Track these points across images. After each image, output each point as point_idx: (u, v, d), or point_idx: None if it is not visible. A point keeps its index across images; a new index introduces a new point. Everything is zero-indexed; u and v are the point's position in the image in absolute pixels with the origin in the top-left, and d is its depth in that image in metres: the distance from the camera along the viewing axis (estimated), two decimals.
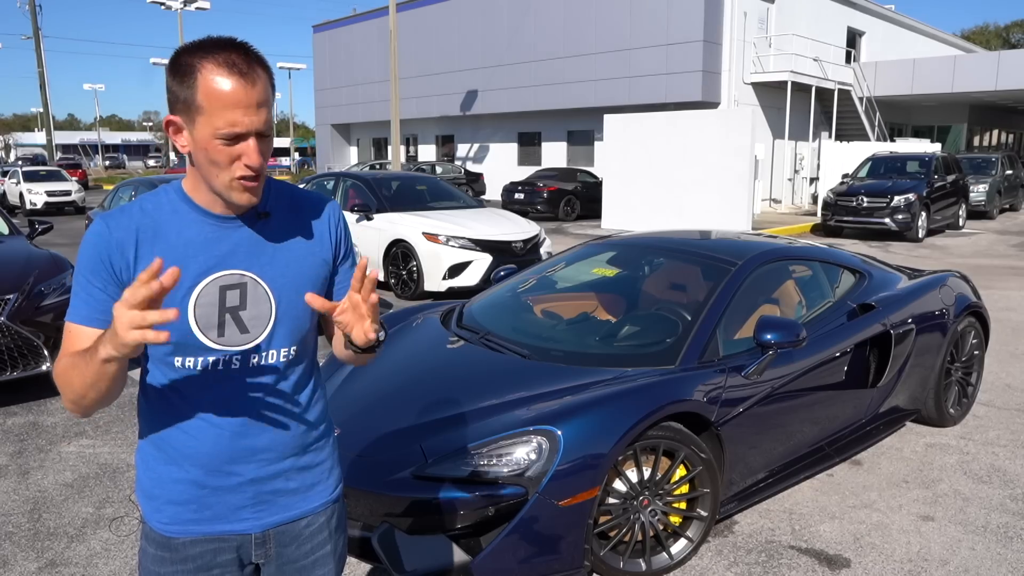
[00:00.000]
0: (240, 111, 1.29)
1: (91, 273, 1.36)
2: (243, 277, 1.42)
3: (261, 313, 1.44)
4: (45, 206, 21.81)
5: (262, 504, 1.50)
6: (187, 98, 1.30)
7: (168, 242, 1.39)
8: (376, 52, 31.33)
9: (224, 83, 1.28)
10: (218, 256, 1.40)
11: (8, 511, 3.62)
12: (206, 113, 1.30)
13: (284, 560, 1.55)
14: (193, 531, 1.47)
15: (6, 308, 4.99)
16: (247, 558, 1.53)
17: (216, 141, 1.31)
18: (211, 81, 1.28)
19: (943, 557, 3.21)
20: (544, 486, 2.72)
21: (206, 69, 1.28)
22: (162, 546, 1.48)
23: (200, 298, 1.39)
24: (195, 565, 1.48)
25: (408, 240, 8.89)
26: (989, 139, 35.18)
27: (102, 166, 61.76)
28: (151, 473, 1.48)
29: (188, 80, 1.30)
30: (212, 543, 1.48)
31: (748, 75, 22.48)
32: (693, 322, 3.57)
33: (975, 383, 4.93)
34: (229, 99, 1.29)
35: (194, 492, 1.45)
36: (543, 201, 19.54)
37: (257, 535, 1.51)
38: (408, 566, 2.78)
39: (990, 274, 10.80)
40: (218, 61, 1.29)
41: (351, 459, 3.00)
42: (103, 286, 1.36)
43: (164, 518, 1.47)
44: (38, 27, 32.48)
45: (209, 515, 1.47)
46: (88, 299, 1.36)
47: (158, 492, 1.47)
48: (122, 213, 1.40)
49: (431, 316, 4.31)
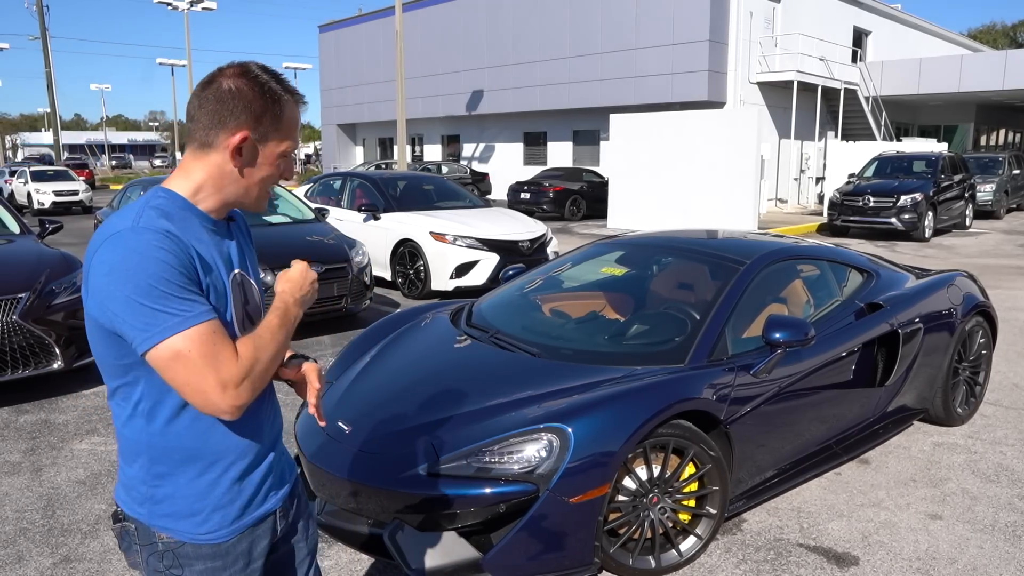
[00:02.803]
0: (295, 132, 1.55)
1: (186, 278, 1.34)
2: (243, 276, 1.55)
3: (257, 305, 1.59)
4: (53, 206, 21.93)
5: (278, 478, 1.61)
6: (273, 122, 1.47)
7: (200, 247, 1.42)
8: (382, 52, 31.36)
9: (297, 111, 1.53)
10: (227, 257, 1.50)
11: (22, 507, 3.65)
12: (282, 136, 1.51)
13: (298, 515, 1.69)
14: (239, 528, 1.52)
15: (18, 307, 5.03)
16: (274, 538, 1.61)
17: (280, 159, 1.53)
18: (292, 108, 1.51)
19: (951, 556, 3.22)
20: (555, 483, 2.74)
21: (288, 100, 1.49)
22: (212, 556, 1.49)
23: (231, 295, 1.49)
24: (244, 561, 1.53)
25: (415, 240, 8.91)
26: (996, 139, 35.06)
27: (108, 166, 61.90)
28: (188, 491, 1.47)
29: (277, 107, 1.47)
30: (253, 532, 1.54)
31: (754, 75, 22.47)
32: (702, 321, 3.58)
33: (983, 382, 4.93)
34: (298, 124, 1.55)
35: (236, 490, 1.50)
36: (549, 201, 19.55)
37: (280, 508, 1.61)
38: (418, 563, 2.80)
39: (997, 274, 10.78)
40: (291, 94, 1.51)
41: (362, 456, 3.02)
42: (197, 284, 1.37)
43: (212, 526, 1.48)
44: (45, 28, 32.61)
45: (248, 505, 1.53)
46: (199, 297, 1.35)
47: (200, 505, 1.47)
48: (159, 216, 1.37)
49: (440, 315, 4.33)
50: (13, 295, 5.05)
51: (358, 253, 7.55)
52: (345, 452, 3.06)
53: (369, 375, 3.64)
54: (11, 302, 5.02)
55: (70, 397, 5.30)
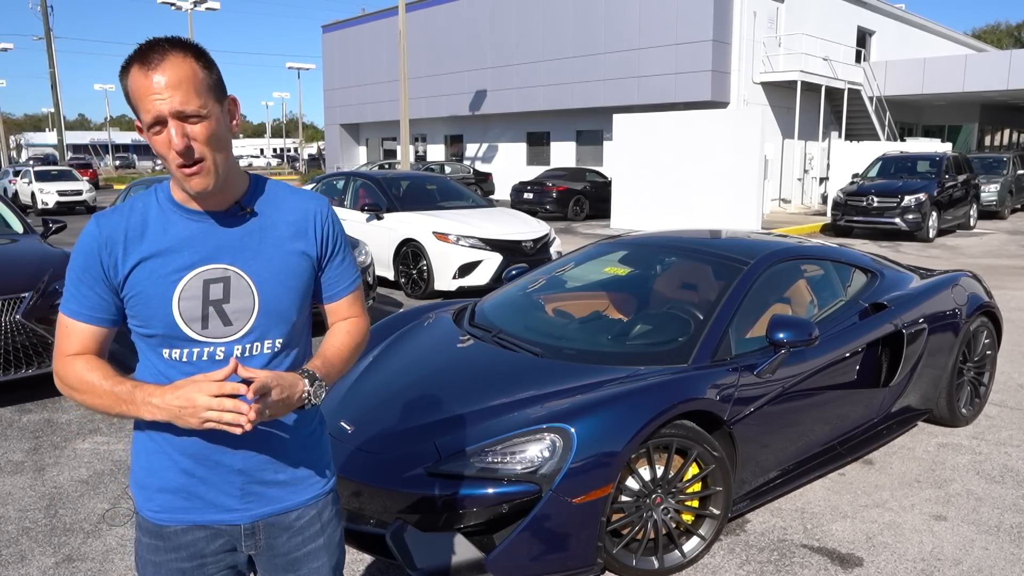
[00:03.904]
0: (151, 97, 1.34)
1: (82, 271, 1.46)
2: (227, 271, 1.47)
3: (244, 306, 1.48)
4: (56, 205, 21.96)
5: (251, 495, 1.53)
6: (132, 98, 1.37)
7: (154, 239, 1.45)
8: (385, 52, 31.38)
9: (137, 76, 1.35)
10: (203, 252, 1.46)
11: (25, 506, 3.65)
12: (137, 110, 1.37)
13: (275, 552, 1.58)
14: (184, 520, 1.51)
15: (21, 306, 5.03)
16: (238, 548, 1.57)
17: (149, 134, 1.37)
18: (135, 77, 1.35)
19: (956, 557, 3.20)
20: (557, 484, 2.73)
21: (132, 71, 1.36)
22: (155, 535, 1.52)
23: (184, 291, 1.45)
24: (188, 553, 1.52)
25: (418, 239, 8.91)
26: (1000, 139, 34.98)
27: (112, 166, 62.00)
28: (143, 463, 1.52)
29: (127, 81, 1.37)
30: (203, 531, 1.52)
31: (758, 75, 22.43)
32: (705, 321, 3.57)
33: (987, 383, 4.91)
34: (145, 90, 1.34)
35: (183, 481, 1.49)
36: (552, 201, 19.54)
37: (246, 526, 1.54)
38: (421, 563, 2.79)
39: (1002, 274, 10.74)
40: (136, 61, 1.35)
41: (365, 456, 3.01)
42: (92, 284, 1.46)
43: (155, 507, 1.52)
44: (49, 28, 32.67)
45: (199, 504, 1.51)
46: (77, 295, 1.47)
47: (149, 481, 1.51)
48: (113, 213, 1.48)
49: (443, 315, 4.32)
50: (16, 294, 5.06)
51: (361, 253, 7.55)
52: (347, 452, 3.05)
53: (371, 375, 3.63)
54: (14, 301, 5.03)
55: None
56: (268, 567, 1.61)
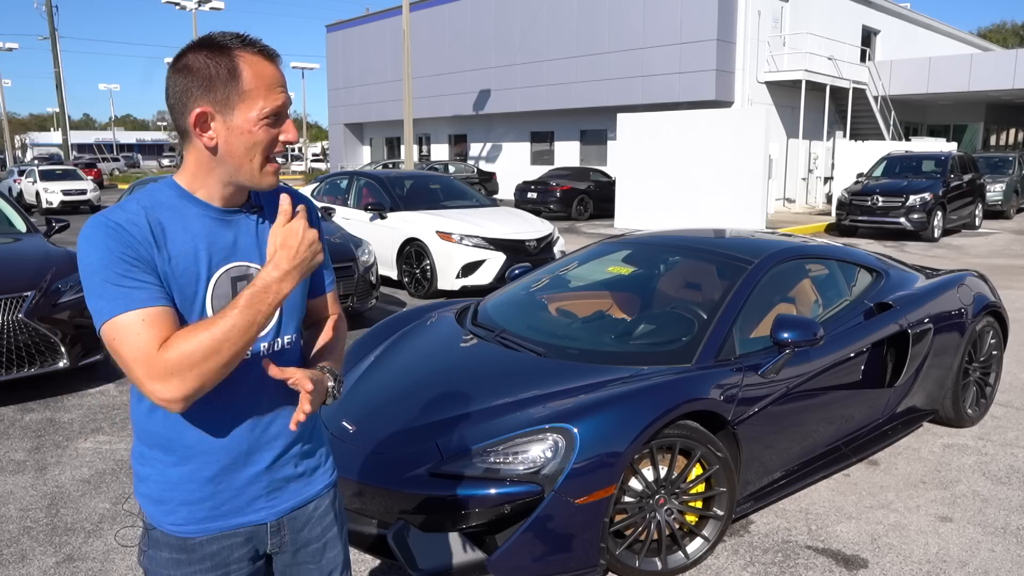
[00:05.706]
0: (280, 89, 1.38)
1: (124, 264, 1.30)
2: (249, 268, 1.45)
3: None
4: (61, 205, 22.00)
5: (275, 492, 1.53)
6: (227, 86, 1.34)
7: (177, 237, 1.39)
8: (389, 52, 31.38)
9: (267, 66, 1.37)
10: (225, 249, 1.43)
11: (26, 506, 3.65)
12: (251, 97, 1.35)
13: (299, 544, 1.59)
14: (210, 528, 1.48)
15: (24, 305, 5.03)
16: (262, 548, 1.55)
17: (262, 122, 1.36)
18: (255, 64, 1.35)
19: (962, 559, 3.18)
20: (560, 484, 2.71)
21: (244, 57, 1.35)
22: (178, 548, 1.48)
23: (216, 290, 1.42)
24: (212, 563, 1.49)
25: (422, 239, 8.90)
26: (1006, 138, 34.85)
27: (117, 169, 62.14)
28: (161, 477, 1.47)
29: (226, 70, 1.34)
30: (228, 538, 1.49)
31: (762, 74, 22.38)
32: (709, 321, 3.55)
33: (993, 383, 4.88)
34: (274, 79, 1.37)
35: (209, 489, 1.46)
36: (556, 200, 19.53)
37: (272, 523, 1.54)
38: (423, 563, 2.78)
39: (1007, 274, 10.70)
40: (252, 50, 1.37)
41: (366, 456, 3.00)
42: (144, 270, 1.32)
43: (179, 519, 1.47)
44: (54, 28, 32.73)
45: (225, 510, 1.48)
46: (128, 291, 1.30)
47: (170, 495, 1.46)
48: (126, 208, 1.38)
49: (446, 314, 4.31)
50: (19, 293, 5.05)
51: (364, 252, 7.53)
52: (349, 452, 3.04)
53: (374, 374, 3.62)
54: (17, 300, 5.02)
55: (75, 396, 5.30)
56: (290, 563, 1.61)
